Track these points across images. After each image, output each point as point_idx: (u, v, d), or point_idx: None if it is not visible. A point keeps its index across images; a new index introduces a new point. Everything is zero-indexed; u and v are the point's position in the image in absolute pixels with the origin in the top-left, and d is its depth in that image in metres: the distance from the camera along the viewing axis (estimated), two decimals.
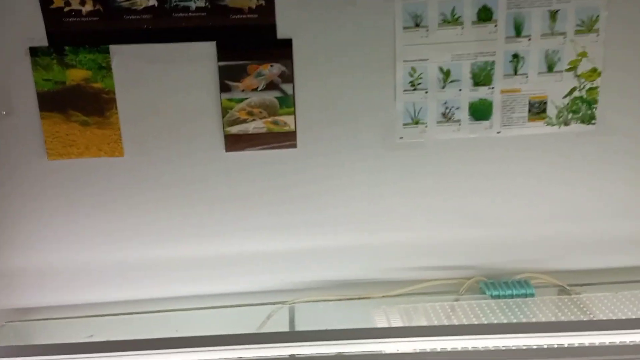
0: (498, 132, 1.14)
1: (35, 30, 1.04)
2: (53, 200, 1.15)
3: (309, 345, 0.81)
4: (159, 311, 1.20)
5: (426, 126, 1.13)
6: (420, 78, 1.09)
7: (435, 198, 1.18)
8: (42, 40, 1.04)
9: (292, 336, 0.95)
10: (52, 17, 1.03)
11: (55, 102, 1.08)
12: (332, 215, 1.20)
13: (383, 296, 1.19)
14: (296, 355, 0.82)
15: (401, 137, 1.14)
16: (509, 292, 1.14)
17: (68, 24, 1.03)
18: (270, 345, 0.80)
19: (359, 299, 1.20)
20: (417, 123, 1.13)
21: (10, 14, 1.03)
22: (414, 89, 1.10)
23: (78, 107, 1.09)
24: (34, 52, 1.05)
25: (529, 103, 1.11)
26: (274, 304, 1.20)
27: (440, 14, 1.05)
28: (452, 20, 1.06)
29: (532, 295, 1.14)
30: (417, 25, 1.06)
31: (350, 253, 1.21)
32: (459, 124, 1.13)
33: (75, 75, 1.07)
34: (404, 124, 1.13)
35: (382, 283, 1.21)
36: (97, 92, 1.09)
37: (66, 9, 1.02)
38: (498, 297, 1.14)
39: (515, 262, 1.21)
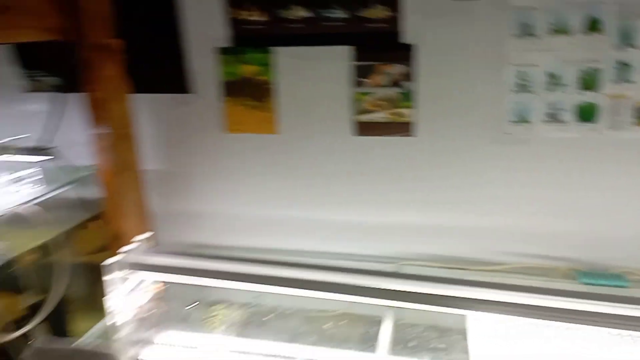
0: (603, 134, 1.20)
1: (222, 34, 1.40)
2: (229, 162, 1.51)
3: None
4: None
5: (532, 124, 1.24)
6: (528, 80, 1.21)
7: (537, 190, 1.29)
8: (226, 42, 1.40)
9: None
10: (234, 25, 1.37)
11: (233, 89, 1.44)
12: (442, 197, 1.38)
13: (479, 269, 1.33)
14: None
15: (508, 133, 1.27)
16: (601, 281, 1.20)
17: (245, 30, 1.37)
18: None
19: (458, 269, 1.36)
20: (523, 121, 1.25)
21: (205, 23, 1.39)
22: (522, 90, 1.22)
23: (248, 94, 1.43)
24: (221, 51, 1.41)
25: (635, 108, 1.16)
26: (385, 262, 1.41)
27: (549, 23, 1.16)
28: (560, 29, 1.16)
29: (624, 286, 1.18)
30: (527, 33, 1.18)
31: (455, 232, 1.38)
32: (564, 124, 1.22)
33: (248, 70, 1.41)
34: (511, 121, 1.26)
35: (481, 262, 1.36)
36: (261, 83, 1.41)
37: (244, 19, 1.36)
38: (589, 284, 1.21)
39: (612, 259, 1.26)
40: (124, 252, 1.13)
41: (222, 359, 1.04)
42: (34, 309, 1.15)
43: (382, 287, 1.00)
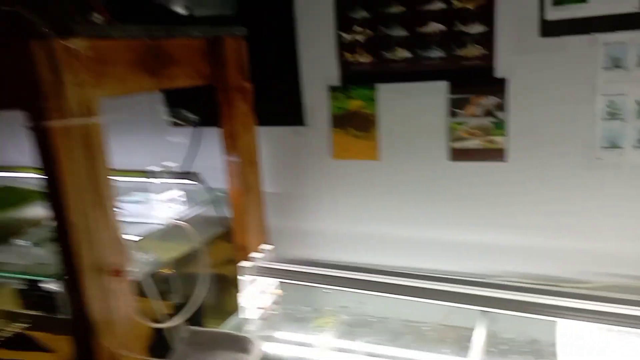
0: None
1: (333, 75, 1.61)
2: (336, 185, 1.71)
3: None
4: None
5: (623, 149, 1.31)
6: (618, 109, 1.29)
7: (626, 215, 1.34)
8: (336, 81, 1.62)
9: None
10: (344, 66, 1.58)
11: (341, 121, 1.65)
12: (533, 220, 1.47)
13: (568, 286, 1.39)
14: None
15: (599, 158, 1.34)
16: None
17: (353, 70, 1.58)
18: None
19: (548, 284, 1.42)
20: (614, 147, 1.32)
21: (319, 65, 1.62)
22: (613, 118, 1.30)
23: (354, 125, 1.63)
24: (331, 89, 1.63)
25: None
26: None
27: (637, 56, 1.24)
28: None
29: None
30: (616, 66, 1.27)
31: (546, 253, 1.46)
32: None
33: (354, 104, 1.62)
34: (602, 147, 1.33)
35: (570, 281, 1.42)
36: (366, 115, 1.61)
37: (353, 61, 1.57)
38: None
39: None
40: (253, 259, 1.36)
41: (331, 357, 1.21)
42: (177, 310, 1.39)
43: (477, 294, 1.13)
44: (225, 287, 1.79)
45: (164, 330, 1.33)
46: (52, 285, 1.13)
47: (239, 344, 1.12)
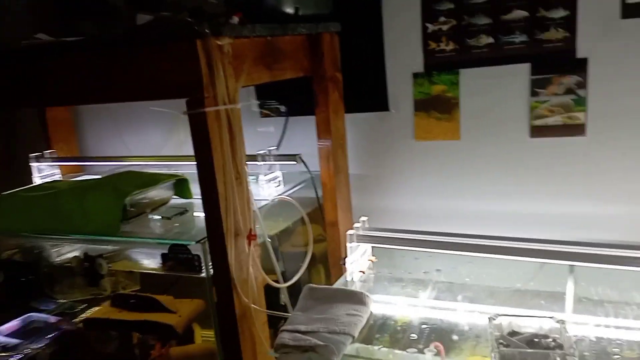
0: None
1: (417, 63, 1.75)
2: (417, 166, 1.85)
3: None
4: None
5: None
6: None
7: None
8: (420, 68, 1.76)
9: None
10: (428, 54, 1.72)
11: (423, 105, 1.78)
12: (613, 190, 1.57)
13: None
14: None
15: None
16: None
17: (437, 58, 1.71)
18: None
19: None
20: None
21: (404, 54, 1.76)
22: None
23: (436, 108, 1.77)
24: (415, 75, 1.77)
25: None
26: None
27: None
28: None
29: None
30: None
31: (626, 220, 1.56)
32: None
33: (437, 89, 1.75)
34: None
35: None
36: (448, 99, 1.74)
37: (437, 49, 1.70)
38: None
39: None
40: (355, 228, 1.52)
41: (433, 314, 1.34)
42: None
43: (566, 250, 1.26)
44: (313, 264, 1.96)
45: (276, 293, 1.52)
46: (190, 250, 1.32)
47: (355, 297, 1.28)
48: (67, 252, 1.52)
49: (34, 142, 2.32)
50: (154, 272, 1.39)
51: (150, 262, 1.44)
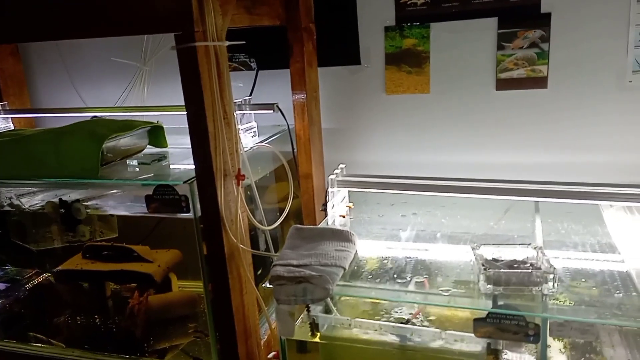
0: None
1: (389, 16, 1.79)
2: (388, 119, 1.91)
3: None
4: None
5: None
6: None
7: None
8: (392, 22, 1.80)
9: None
10: (399, 7, 1.76)
11: (394, 59, 1.83)
12: (571, 140, 1.69)
13: None
14: None
15: (630, 81, 1.57)
16: None
17: (408, 12, 1.76)
18: None
19: None
20: None
21: (376, 7, 1.79)
22: None
23: (406, 62, 1.82)
24: (386, 29, 1.81)
25: None
26: None
27: None
28: None
29: None
30: None
31: (579, 167, 1.70)
32: None
33: (408, 42, 1.80)
34: (634, 71, 1.55)
35: None
36: (419, 52, 1.80)
37: (409, 2, 1.75)
38: None
39: None
40: (335, 173, 1.56)
41: (408, 253, 1.41)
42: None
43: (532, 188, 1.36)
44: (286, 219, 2.00)
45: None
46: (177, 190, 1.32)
47: (342, 235, 1.33)
48: (38, 200, 1.46)
49: None
50: (137, 215, 1.37)
51: (127, 208, 1.42)
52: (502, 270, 1.06)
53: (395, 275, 1.23)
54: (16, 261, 1.89)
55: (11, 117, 2.06)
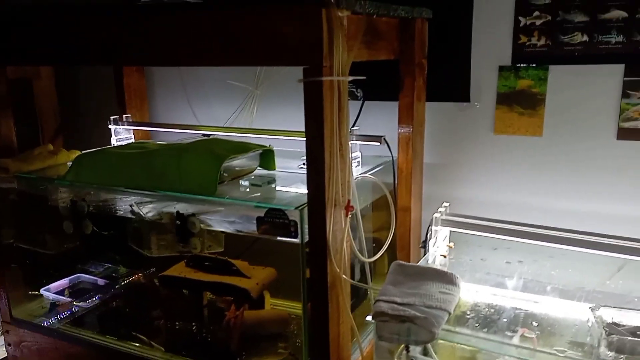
0: None
1: (505, 55, 1.76)
2: (494, 159, 1.85)
3: None
4: None
5: None
6: None
7: None
8: (507, 61, 1.76)
9: None
10: (517, 47, 1.73)
11: (506, 99, 1.79)
12: None
13: None
14: None
15: None
16: None
17: (525, 52, 1.72)
18: None
19: None
20: None
21: (491, 45, 1.77)
22: None
23: (519, 103, 1.77)
24: (501, 68, 1.78)
25: None
26: None
27: None
28: None
29: None
30: None
31: None
32: None
33: (523, 83, 1.76)
34: None
35: None
36: (534, 94, 1.74)
37: (527, 43, 1.71)
38: None
39: None
40: (439, 212, 1.55)
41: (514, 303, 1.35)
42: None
43: None
44: (378, 249, 1.99)
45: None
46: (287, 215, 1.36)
47: (446, 277, 1.30)
48: (156, 210, 1.57)
49: (106, 107, 2.39)
50: (246, 234, 1.43)
51: (238, 226, 1.48)
52: (628, 337, 0.99)
53: (502, 326, 1.19)
54: (128, 263, 2.05)
55: (132, 129, 2.23)
